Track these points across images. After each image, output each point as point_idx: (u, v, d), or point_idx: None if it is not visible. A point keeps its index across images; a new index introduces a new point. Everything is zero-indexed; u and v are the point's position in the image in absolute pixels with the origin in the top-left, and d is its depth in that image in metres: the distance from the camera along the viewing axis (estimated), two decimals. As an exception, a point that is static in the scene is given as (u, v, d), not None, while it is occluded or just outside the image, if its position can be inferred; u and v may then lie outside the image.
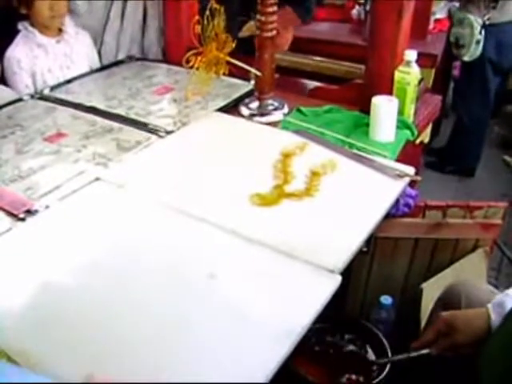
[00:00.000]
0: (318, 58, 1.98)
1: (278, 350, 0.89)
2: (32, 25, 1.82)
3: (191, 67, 1.41)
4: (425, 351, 1.14)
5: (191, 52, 1.40)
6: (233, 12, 1.54)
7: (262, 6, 1.50)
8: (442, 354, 1.12)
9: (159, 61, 2.08)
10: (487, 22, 2.69)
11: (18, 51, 1.82)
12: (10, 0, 1.79)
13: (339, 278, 1.03)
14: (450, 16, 2.94)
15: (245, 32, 1.98)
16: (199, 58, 1.40)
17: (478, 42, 2.71)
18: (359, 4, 2.80)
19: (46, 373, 0.81)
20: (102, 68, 2.01)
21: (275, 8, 1.52)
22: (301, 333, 0.92)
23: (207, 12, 1.36)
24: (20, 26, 1.82)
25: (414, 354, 1.18)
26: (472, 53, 2.74)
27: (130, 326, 0.93)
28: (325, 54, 2.08)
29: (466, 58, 2.78)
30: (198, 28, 1.36)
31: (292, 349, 0.90)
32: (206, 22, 1.36)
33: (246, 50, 1.63)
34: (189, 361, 0.87)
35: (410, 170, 1.34)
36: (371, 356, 1.39)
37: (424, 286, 1.52)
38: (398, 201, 1.39)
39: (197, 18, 1.36)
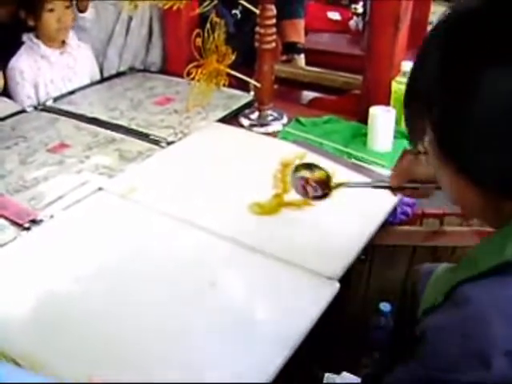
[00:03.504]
0: (316, 69, 2.00)
1: (277, 357, 0.91)
2: (37, 36, 1.85)
3: (192, 79, 1.44)
4: (386, 184, 1.10)
5: (192, 64, 1.43)
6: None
7: (261, 19, 1.53)
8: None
9: (160, 72, 2.10)
10: None
11: (21, 62, 1.84)
12: (17, 12, 1.82)
13: (337, 285, 1.05)
14: None
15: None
16: (200, 70, 1.43)
17: None
18: (357, 15, 2.83)
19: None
20: (104, 79, 2.03)
21: (274, 21, 1.55)
22: (300, 338, 0.94)
23: (207, 25, 1.39)
24: (25, 37, 1.84)
25: (376, 183, 1.17)
26: None
27: (132, 332, 0.95)
28: (323, 64, 2.09)
29: None
30: (199, 41, 1.39)
31: (291, 354, 0.92)
32: (206, 34, 1.39)
33: (245, 61, 1.67)
34: (188, 367, 0.89)
35: (407, 179, 1.37)
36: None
37: (422, 293, 1.53)
38: (395, 209, 1.42)
39: (197, 30, 1.38)
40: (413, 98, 0.70)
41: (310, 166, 1.19)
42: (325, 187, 1.17)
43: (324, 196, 1.18)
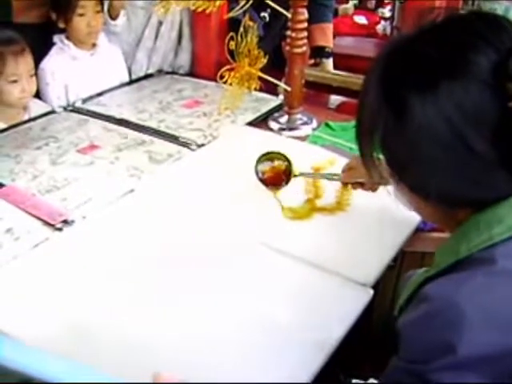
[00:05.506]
0: (345, 73, 1.99)
1: (311, 363, 0.90)
2: (68, 38, 1.87)
3: (225, 82, 1.44)
4: (336, 177, 1.23)
5: (225, 68, 1.43)
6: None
7: (293, 23, 1.53)
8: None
9: (188, 75, 2.11)
10: None
11: (51, 63, 1.86)
12: (48, 13, 1.85)
13: (371, 292, 1.04)
14: None
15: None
16: (232, 73, 1.43)
17: None
18: (384, 19, 2.81)
19: None
20: (132, 81, 2.04)
21: (305, 24, 1.54)
22: (334, 345, 0.93)
23: (241, 29, 1.39)
24: (56, 38, 1.87)
25: (328, 176, 1.27)
26: None
27: (162, 338, 0.94)
28: (350, 68, 2.08)
29: None
30: (232, 44, 1.39)
31: (325, 361, 0.91)
32: (239, 38, 1.39)
33: (272, 63, 1.66)
34: (220, 372, 0.89)
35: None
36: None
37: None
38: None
39: (231, 34, 1.39)
40: (360, 123, 0.76)
41: (271, 158, 1.30)
42: (284, 177, 1.29)
43: (281, 186, 1.28)
